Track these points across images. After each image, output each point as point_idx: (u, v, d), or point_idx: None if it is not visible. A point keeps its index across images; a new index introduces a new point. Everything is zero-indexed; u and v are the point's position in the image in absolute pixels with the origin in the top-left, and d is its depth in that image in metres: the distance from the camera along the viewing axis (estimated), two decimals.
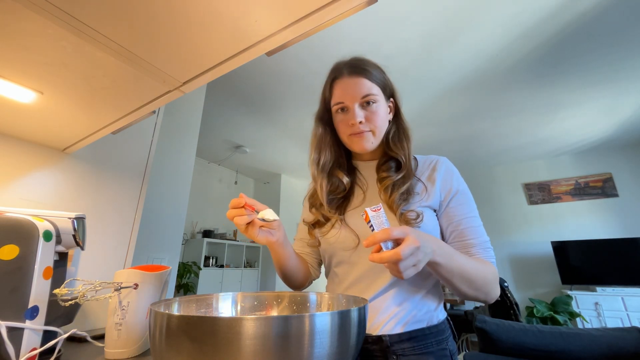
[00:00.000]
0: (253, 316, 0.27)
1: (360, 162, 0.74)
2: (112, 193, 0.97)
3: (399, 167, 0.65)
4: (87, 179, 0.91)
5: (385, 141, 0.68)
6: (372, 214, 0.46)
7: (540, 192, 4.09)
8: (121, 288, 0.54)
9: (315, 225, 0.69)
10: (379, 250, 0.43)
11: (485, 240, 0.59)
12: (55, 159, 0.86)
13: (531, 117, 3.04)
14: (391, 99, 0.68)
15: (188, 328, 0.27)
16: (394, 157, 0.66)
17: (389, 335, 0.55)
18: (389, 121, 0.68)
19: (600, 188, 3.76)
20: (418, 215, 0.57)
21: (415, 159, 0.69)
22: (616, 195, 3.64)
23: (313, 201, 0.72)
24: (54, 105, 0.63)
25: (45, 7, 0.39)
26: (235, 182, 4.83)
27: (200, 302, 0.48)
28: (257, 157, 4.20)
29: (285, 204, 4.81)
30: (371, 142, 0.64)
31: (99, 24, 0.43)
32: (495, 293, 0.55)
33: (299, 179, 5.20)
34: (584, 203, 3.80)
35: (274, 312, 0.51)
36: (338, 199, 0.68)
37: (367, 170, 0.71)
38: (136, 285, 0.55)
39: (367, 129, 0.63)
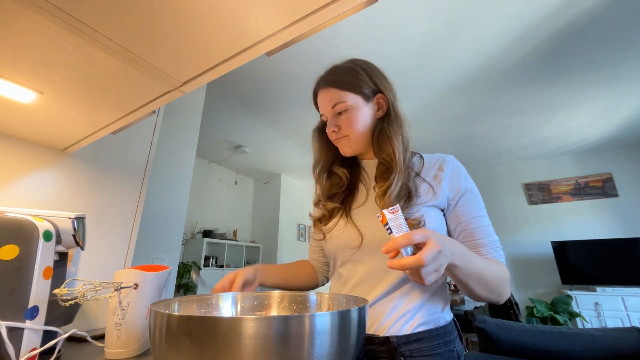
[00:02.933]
0: (253, 316, 0.27)
1: (363, 160, 0.74)
2: (112, 193, 0.97)
3: (389, 171, 0.63)
4: (87, 179, 0.91)
5: (372, 141, 0.67)
6: (390, 216, 0.42)
7: (540, 192, 4.09)
8: (121, 288, 0.54)
9: (321, 219, 0.71)
10: (395, 255, 0.41)
11: (495, 240, 0.59)
12: (55, 159, 0.86)
13: (531, 117, 3.04)
14: (379, 95, 0.66)
15: (188, 328, 0.27)
16: (381, 160, 0.65)
17: (397, 337, 0.55)
18: (377, 120, 0.67)
19: (600, 188, 3.76)
20: (419, 222, 0.57)
21: (421, 157, 0.68)
22: (616, 195, 3.64)
23: (318, 197, 0.74)
24: (54, 105, 0.63)
25: (45, 7, 0.39)
26: (235, 182, 4.83)
27: (201, 302, 0.48)
28: (257, 157, 4.21)
29: (285, 204, 4.81)
30: (349, 146, 0.66)
31: (99, 24, 0.43)
32: (507, 293, 0.55)
33: (299, 179, 5.21)
34: (584, 203, 3.81)
35: (274, 312, 0.51)
36: (341, 193, 0.70)
37: (370, 169, 0.71)
38: (136, 285, 0.55)
39: (342, 135, 0.66)
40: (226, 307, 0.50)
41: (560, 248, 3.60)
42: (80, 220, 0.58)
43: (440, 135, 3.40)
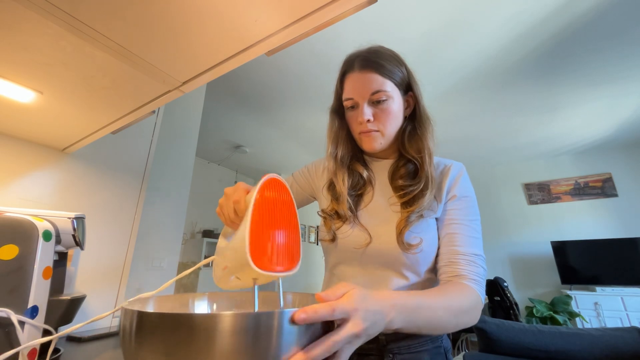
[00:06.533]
0: (225, 312, 0.27)
1: (372, 158, 0.70)
2: (112, 193, 0.97)
3: (416, 172, 0.61)
4: (87, 179, 0.91)
5: (401, 140, 0.64)
6: None
7: (540, 192, 4.09)
8: None
9: (333, 216, 0.64)
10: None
11: (475, 253, 0.54)
12: (55, 159, 0.86)
13: (531, 117, 3.04)
14: (410, 93, 0.63)
15: (160, 325, 0.28)
16: (410, 159, 0.62)
17: (385, 335, 0.55)
18: (405, 117, 0.64)
19: (599, 188, 3.76)
20: (420, 242, 0.55)
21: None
22: (616, 195, 3.65)
23: (333, 193, 0.66)
24: (53, 105, 0.63)
25: (45, 7, 0.39)
26: (235, 182, 4.83)
27: (176, 301, 0.47)
28: (257, 157, 4.21)
29: None
30: (380, 142, 0.61)
31: (98, 24, 0.43)
32: (473, 319, 0.49)
33: None
34: (584, 203, 3.81)
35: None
36: (356, 196, 0.65)
37: (378, 168, 0.68)
38: None
39: (375, 129, 0.60)
40: (201, 306, 0.49)
41: (560, 248, 3.60)
42: (79, 220, 0.58)
43: (440, 135, 3.37)
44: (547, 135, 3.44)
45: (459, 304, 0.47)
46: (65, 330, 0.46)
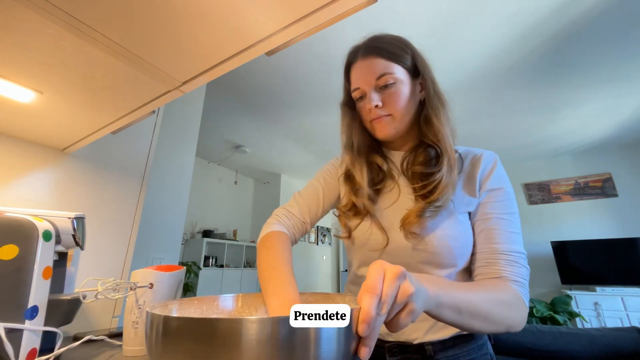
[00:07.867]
0: (254, 317, 0.26)
1: (392, 151, 0.65)
2: (111, 193, 0.96)
3: (437, 157, 0.55)
4: (87, 179, 0.91)
5: (418, 126, 0.60)
6: None
7: (540, 192, 4.09)
8: (137, 287, 0.55)
9: (349, 212, 0.60)
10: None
11: (517, 251, 0.49)
12: (55, 159, 0.85)
13: (531, 117, 3.04)
14: (422, 76, 0.60)
15: (186, 330, 0.27)
16: (430, 144, 0.57)
17: (432, 344, 0.51)
18: (420, 101, 0.60)
19: (599, 188, 3.76)
20: (435, 238, 0.51)
21: (459, 154, 0.59)
22: (615, 195, 3.65)
23: (352, 185, 0.61)
24: (53, 105, 0.63)
25: (45, 7, 0.39)
26: (235, 182, 4.83)
27: (200, 304, 0.47)
28: (257, 157, 4.21)
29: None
30: (393, 127, 0.57)
31: (98, 24, 0.43)
32: (518, 319, 0.44)
33: (299, 179, 5.20)
34: (584, 203, 3.81)
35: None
36: (374, 191, 0.59)
37: (398, 160, 0.63)
38: (151, 284, 0.56)
39: (386, 113, 0.56)
40: (227, 308, 0.49)
41: (560, 248, 3.60)
42: (79, 220, 0.58)
43: None
44: (547, 135, 3.44)
45: (501, 295, 0.43)
46: (81, 340, 0.46)
